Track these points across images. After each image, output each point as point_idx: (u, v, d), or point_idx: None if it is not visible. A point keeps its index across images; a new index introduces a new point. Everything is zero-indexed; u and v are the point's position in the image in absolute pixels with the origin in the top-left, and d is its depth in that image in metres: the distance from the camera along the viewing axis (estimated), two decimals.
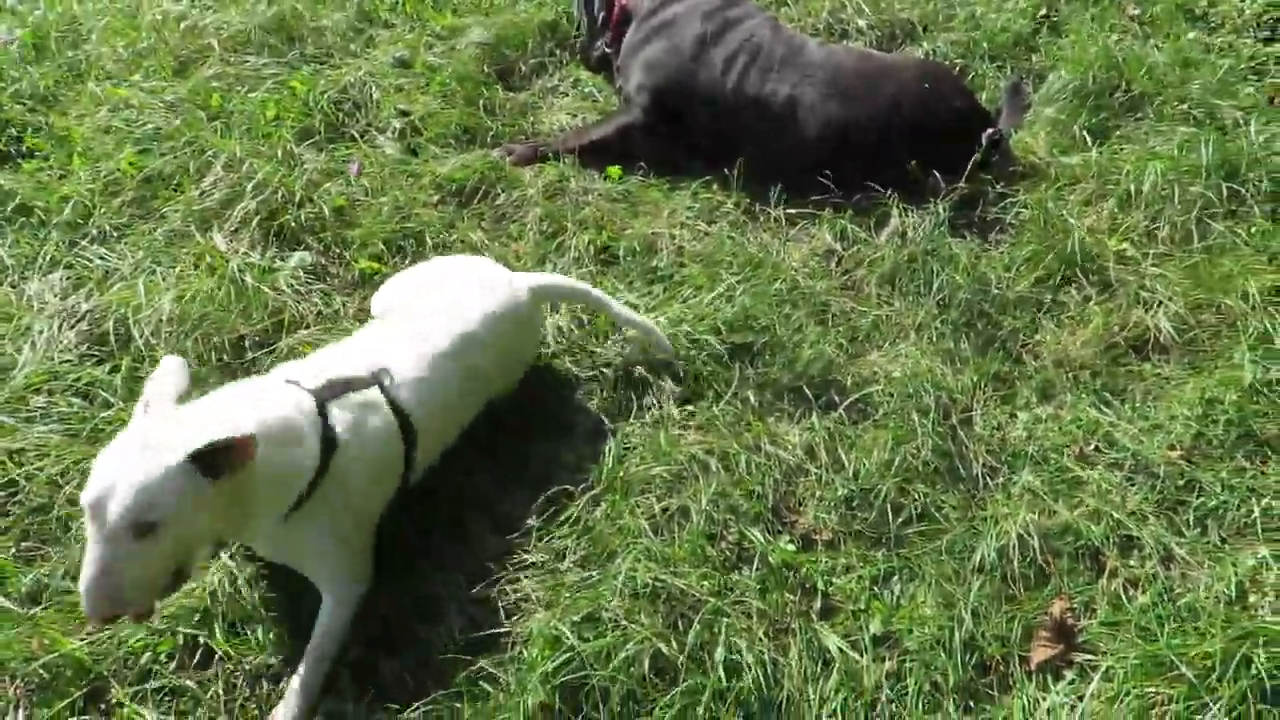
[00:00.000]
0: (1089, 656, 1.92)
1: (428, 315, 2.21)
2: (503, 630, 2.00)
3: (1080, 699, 1.85)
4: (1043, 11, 3.73)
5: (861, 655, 1.96)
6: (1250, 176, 2.89)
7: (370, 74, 3.49)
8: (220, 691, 1.92)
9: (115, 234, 2.92)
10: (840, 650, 1.96)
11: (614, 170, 3.17)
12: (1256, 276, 2.59)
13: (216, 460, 1.65)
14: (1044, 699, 1.87)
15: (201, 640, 1.99)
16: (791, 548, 2.12)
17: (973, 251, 2.79)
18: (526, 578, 2.10)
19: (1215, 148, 2.92)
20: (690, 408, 2.41)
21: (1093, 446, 2.32)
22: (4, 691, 1.92)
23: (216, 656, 1.97)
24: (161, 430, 1.66)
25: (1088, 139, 3.12)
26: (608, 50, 3.50)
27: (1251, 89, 3.31)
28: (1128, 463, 2.26)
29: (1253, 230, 2.77)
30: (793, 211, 3.00)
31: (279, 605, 2.06)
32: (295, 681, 1.87)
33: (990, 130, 3.01)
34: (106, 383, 2.45)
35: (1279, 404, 2.31)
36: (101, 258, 2.81)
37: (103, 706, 1.93)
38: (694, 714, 1.83)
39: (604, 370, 2.53)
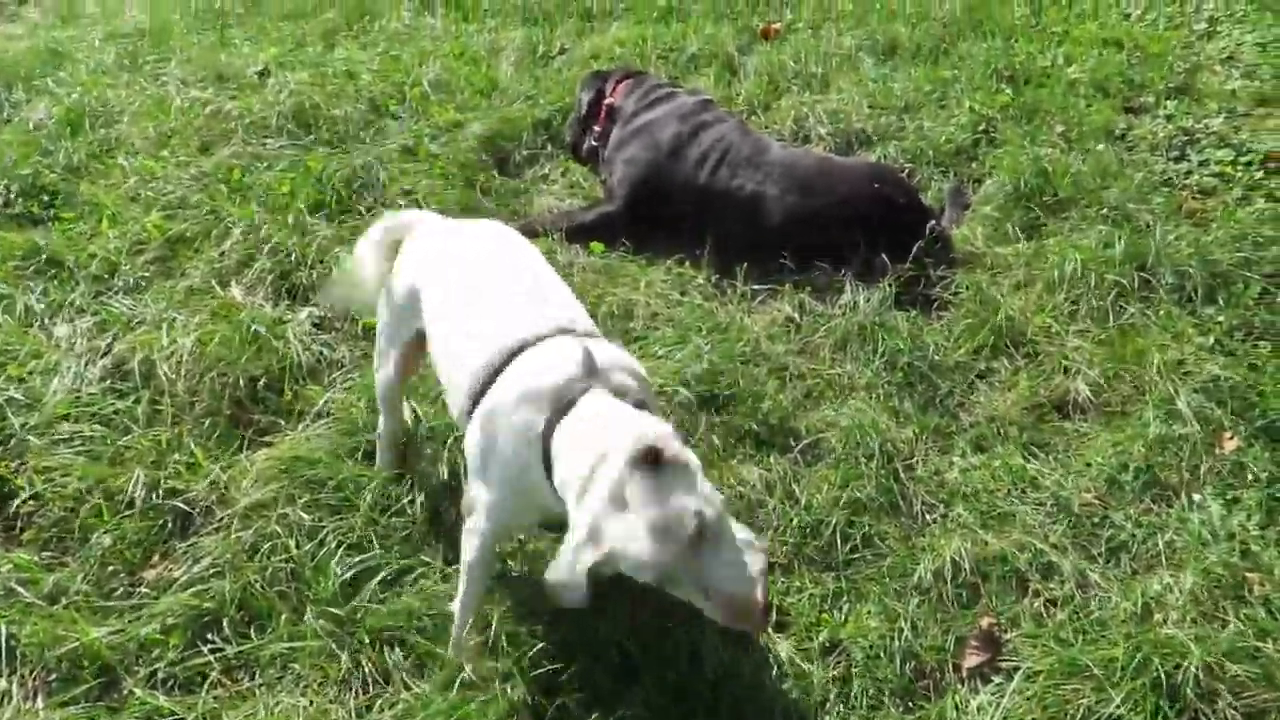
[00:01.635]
0: (1013, 662, 2.15)
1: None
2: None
3: (1003, 698, 2.07)
4: (982, 126, 4.21)
5: (812, 663, 2.18)
6: (1158, 269, 3.28)
7: (379, 158, 3.86)
8: (226, 679, 2.09)
9: (140, 287, 3.19)
10: (790, 659, 2.18)
11: (597, 247, 3.51)
12: (1163, 351, 2.94)
13: None
14: (973, 699, 2.09)
15: (209, 636, 2.17)
16: None
17: (915, 323, 3.12)
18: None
19: (1128, 243, 3.31)
20: None
21: (1020, 490, 2.60)
22: (25, 680, 2.07)
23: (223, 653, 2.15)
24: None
25: (1019, 233, 3.52)
26: (595, 144, 3.90)
27: (1161, 198, 3.75)
28: (1049, 502, 2.54)
29: (1160, 313, 3.14)
30: (757, 286, 3.33)
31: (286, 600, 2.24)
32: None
33: (933, 223, 3.40)
34: (128, 411, 2.69)
35: (1180, 456, 2.62)
36: (127, 307, 3.07)
37: (115, 696, 2.09)
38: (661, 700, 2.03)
39: None
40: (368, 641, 2.19)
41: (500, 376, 1.93)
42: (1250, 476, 2.57)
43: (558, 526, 1.84)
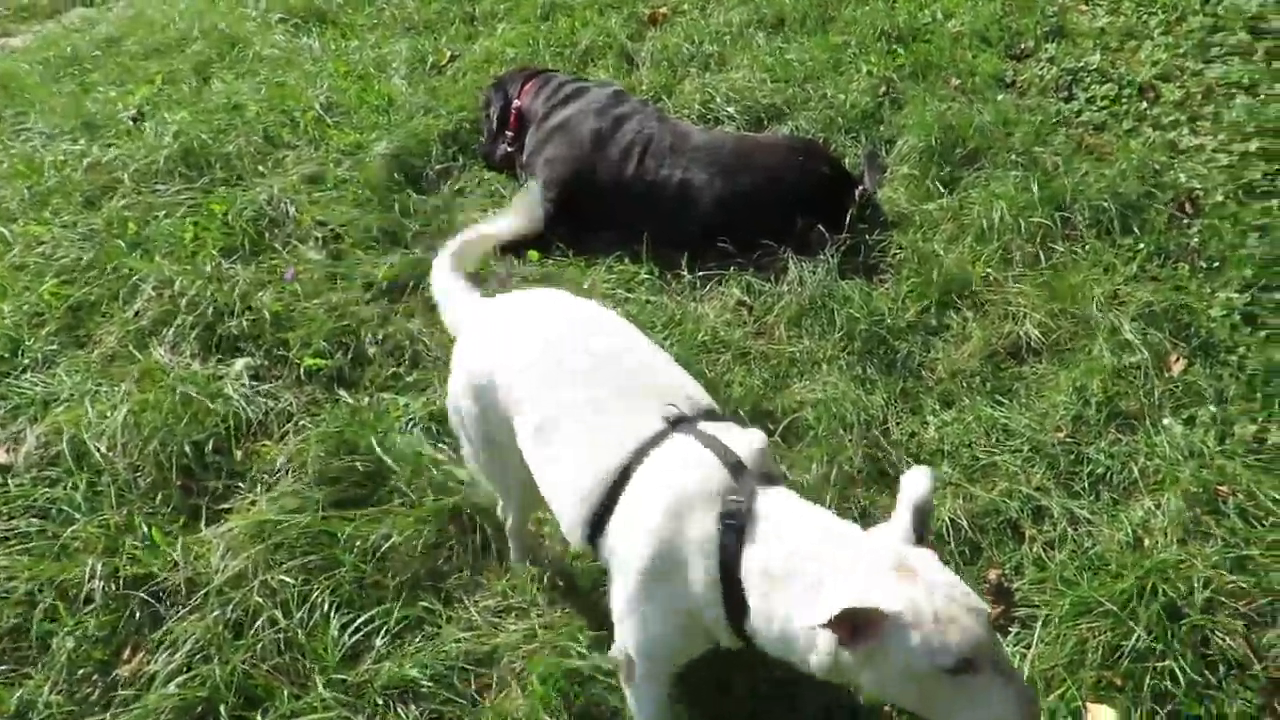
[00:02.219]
0: (1028, 610, 2.20)
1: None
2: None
3: (1028, 647, 2.11)
4: (882, 89, 4.28)
5: None
6: (1075, 207, 3.41)
7: (284, 191, 3.65)
8: None
9: (48, 361, 2.94)
10: None
11: (533, 254, 3.43)
12: (1098, 284, 3.06)
13: None
14: None
15: None
16: None
17: (864, 290, 3.15)
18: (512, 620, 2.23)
19: (1042, 186, 3.44)
20: None
21: (995, 439, 2.66)
22: None
23: None
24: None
25: (940, 189, 3.60)
26: (509, 150, 3.80)
27: (1061, 138, 3.90)
28: (1026, 447, 2.61)
29: (1086, 249, 3.26)
30: (701, 275, 3.31)
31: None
32: None
33: (860, 188, 3.45)
34: (66, 498, 2.47)
35: (1135, 384, 2.73)
36: (39, 385, 2.83)
37: None
38: None
39: None
40: (381, 703, 2.09)
41: (630, 486, 1.66)
42: (1200, 394, 2.70)
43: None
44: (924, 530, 1.49)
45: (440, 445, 2.65)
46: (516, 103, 3.80)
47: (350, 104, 4.28)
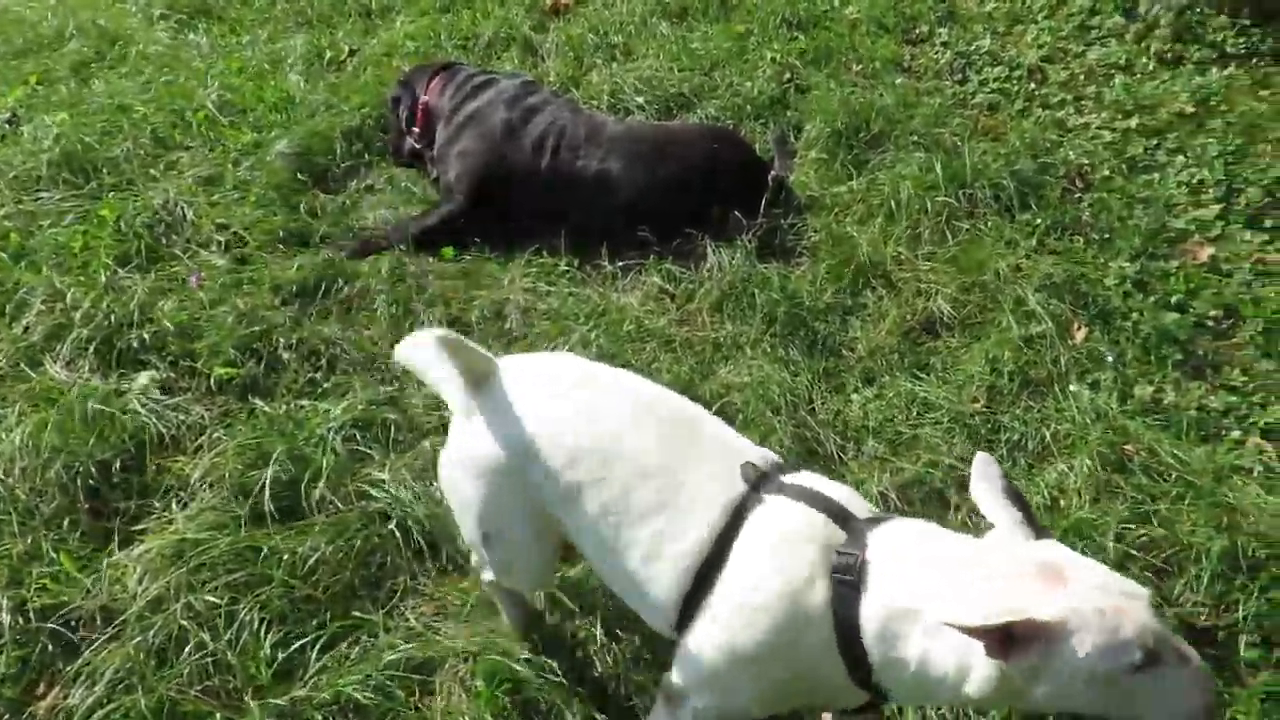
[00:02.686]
0: None
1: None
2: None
3: None
4: (786, 75, 4.35)
5: None
6: (976, 185, 3.54)
7: (180, 194, 3.49)
8: None
9: None
10: None
11: (447, 251, 3.36)
12: (1002, 258, 3.18)
13: None
14: None
15: None
16: None
17: (782, 274, 3.20)
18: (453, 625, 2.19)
19: (945, 166, 3.55)
20: None
21: (916, 413, 2.74)
22: None
23: None
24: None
25: (850, 170, 3.68)
26: (417, 146, 3.71)
27: (958, 120, 4.04)
28: (945, 419, 2.70)
29: (988, 225, 3.39)
30: (622, 265, 3.31)
31: None
32: None
33: (772, 173, 3.50)
34: None
35: (1042, 352, 2.86)
36: None
37: None
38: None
39: None
40: (320, 719, 2.02)
41: (730, 560, 1.52)
42: (1101, 359, 2.84)
43: None
44: (1031, 515, 1.43)
45: (365, 449, 2.58)
46: (424, 98, 3.72)
47: (246, 102, 4.12)
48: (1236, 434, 2.63)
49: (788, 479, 1.59)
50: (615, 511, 1.60)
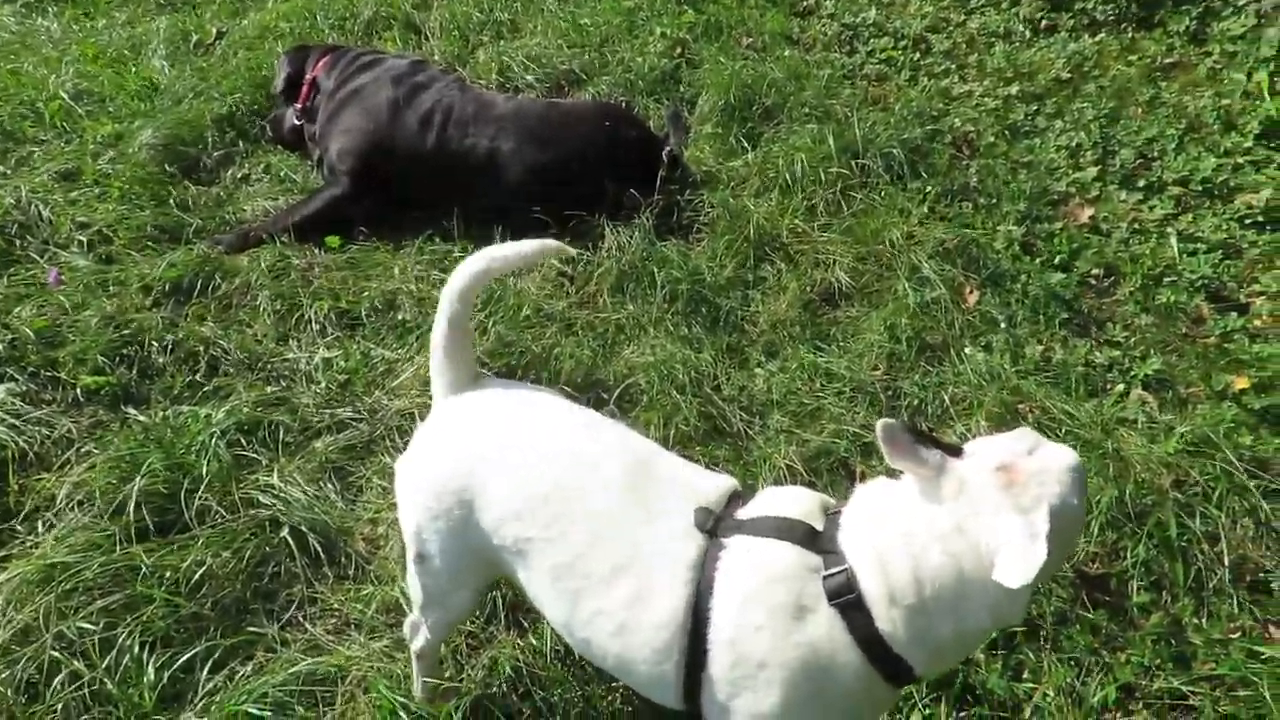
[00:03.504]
0: None
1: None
2: None
3: None
4: (678, 50, 4.31)
5: None
6: (868, 155, 3.57)
7: (33, 191, 3.23)
8: None
9: None
10: None
11: (333, 240, 3.21)
12: (895, 227, 3.22)
13: None
14: None
15: None
16: None
17: (681, 251, 3.17)
18: (354, 634, 2.09)
19: (837, 137, 3.57)
20: None
21: (819, 384, 2.75)
22: None
23: None
24: None
25: (744, 144, 3.66)
26: (298, 122, 3.53)
27: (848, 90, 4.07)
28: (848, 389, 2.71)
29: (881, 194, 3.42)
30: None
31: None
32: None
33: (667, 149, 3.45)
34: None
35: (937, 317, 2.90)
36: None
37: None
38: None
39: None
40: None
41: (712, 627, 1.41)
42: (994, 321, 2.90)
43: None
44: (949, 446, 1.41)
45: (251, 454, 2.44)
46: (311, 74, 3.53)
47: (105, 91, 3.85)
48: (1120, 387, 2.72)
49: (744, 512, 1.49)
50: (573, 575, 1.49)
